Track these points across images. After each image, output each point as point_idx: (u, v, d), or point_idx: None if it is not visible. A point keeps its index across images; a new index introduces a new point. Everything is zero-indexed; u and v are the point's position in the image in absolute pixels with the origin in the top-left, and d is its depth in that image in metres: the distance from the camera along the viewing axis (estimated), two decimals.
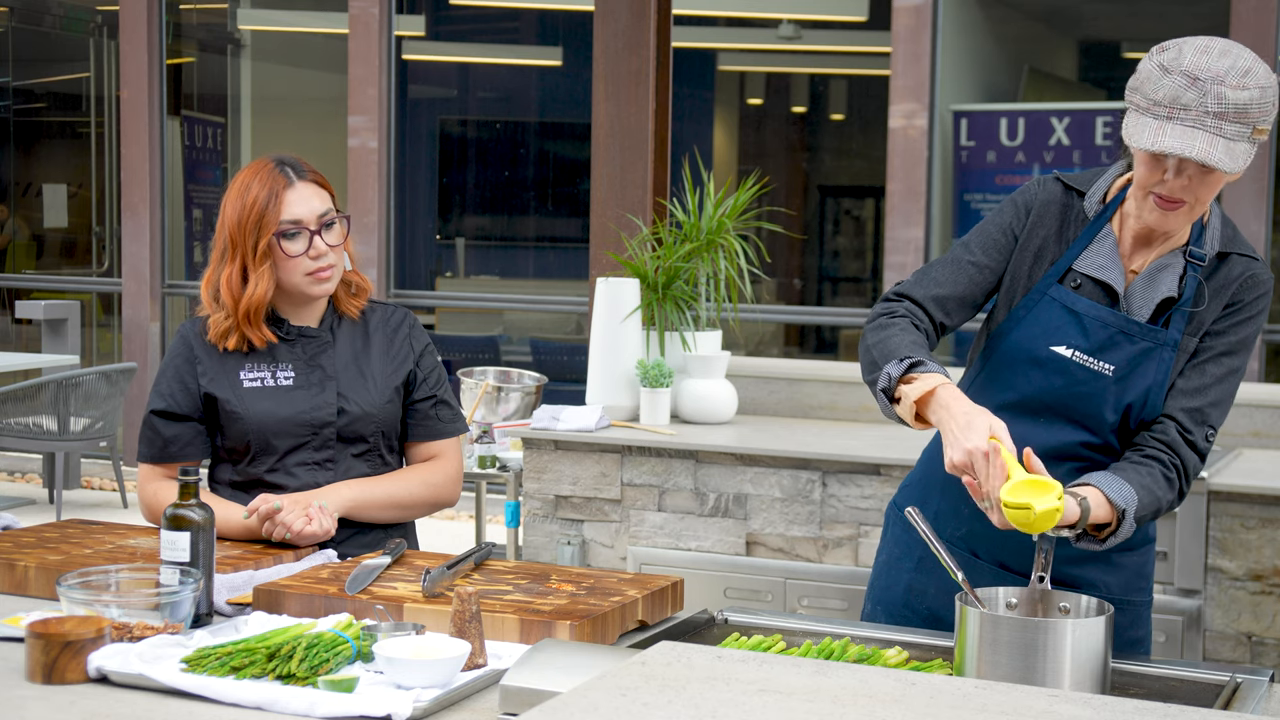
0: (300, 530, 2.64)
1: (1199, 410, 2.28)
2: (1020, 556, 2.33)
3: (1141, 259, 2.32)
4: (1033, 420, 2.32)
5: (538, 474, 4.64)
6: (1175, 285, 2.28)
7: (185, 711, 1.86)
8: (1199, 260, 2.29)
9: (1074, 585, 2.32)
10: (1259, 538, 3.97)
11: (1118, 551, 2.31)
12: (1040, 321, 2.32)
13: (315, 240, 2.74)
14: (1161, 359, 2.28)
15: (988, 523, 2.19)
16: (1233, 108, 2.12)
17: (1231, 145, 2.12)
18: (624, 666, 1.68)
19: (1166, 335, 2.28)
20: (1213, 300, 2.29)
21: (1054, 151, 7.91)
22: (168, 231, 9.36)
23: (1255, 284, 2.31)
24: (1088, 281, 2.32)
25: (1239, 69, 2.13)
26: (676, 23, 5.31)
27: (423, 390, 2.88)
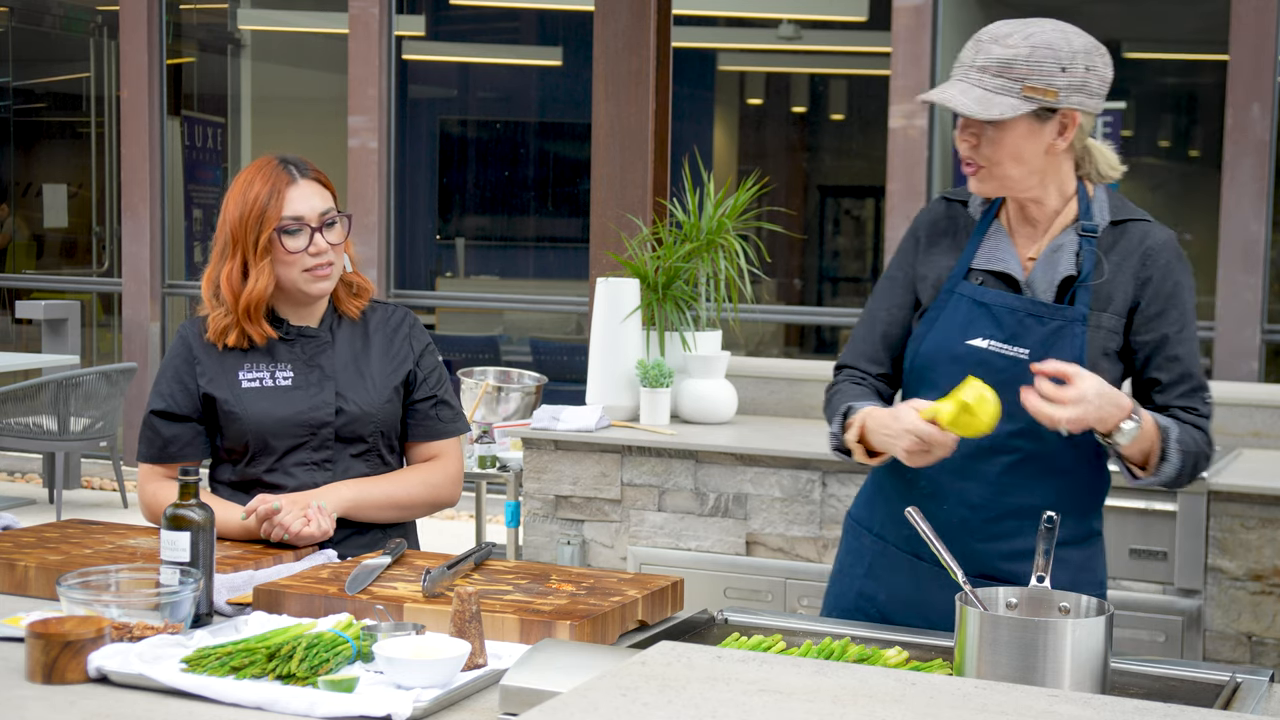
0: (298, 531, 2.64)
1: (1193, 390, 2.35)
2: (967, 559, 2.34)
3: (1035, 245, 2.39)
4: None
5: (538, 474, 4.64)
6: (1073, 263, 2.34)
7: (185, 711, 1.86)
8: (1091, 233, 2.35)
9: (1011, 581, 2.33)
10: (1259, 538, 3.97)
11: (1061, 546, 2.32)
12: (953, 319, 2.37)
13: (316, 237, 2.74)
14: (1074, 335, 2.32)
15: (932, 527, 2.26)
16: (996, 62, 2.23)
17: (989, 96, 2.23)
18: (624, 666, 1.68)
19: (1074, 311, 2.32)
20: (1117, 272, 2.34)
21: None
22: (168, 231, 9.36)
23: (1159, 251, 2.36)
24: (988, 276, 2.38)
25: (1014, 30, 2.25)
26: (676, 23, 5.30)
27: (423, 390, 2.88)
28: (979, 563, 2.37)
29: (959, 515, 2.38)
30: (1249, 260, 6.96)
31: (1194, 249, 8.60)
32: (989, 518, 2.37)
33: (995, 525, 2.37)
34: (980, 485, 2.37)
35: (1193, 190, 8.74)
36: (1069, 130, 2.29)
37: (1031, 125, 2.28)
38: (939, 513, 2.37)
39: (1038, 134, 2.28)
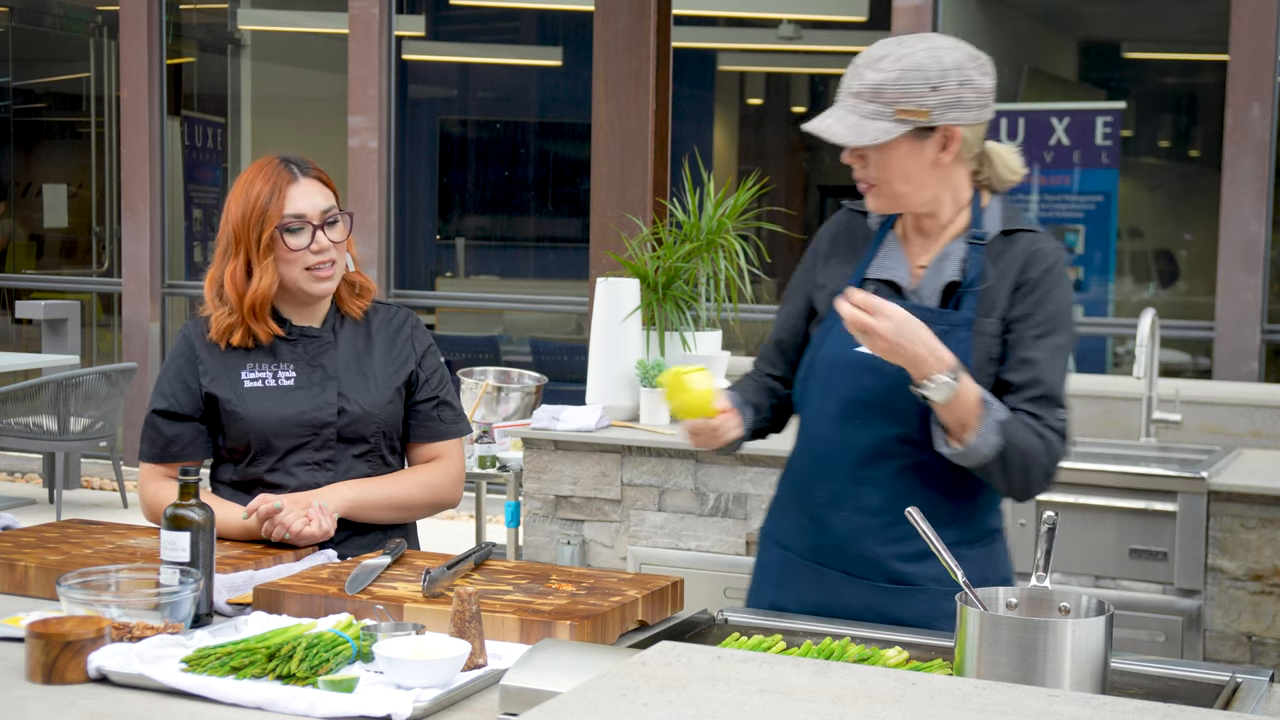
0: (299, 531, 2.64)
1: (1042, 397, 2.33)
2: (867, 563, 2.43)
3: (927, 254, 2.43)
4: (851, 423, 2.41)
5: (538, 474, 4.64)
6: (959, 269, 2.38)
7: (185, 711, 1.86)
8: (979, 240, 2.39)
9: (912, 583, 2.41)
10: (1259, 538, 3.97)
11: (960, 546, 2.35)
12: (845, 329, 2.38)
13: (318, 235, 2.74)
14: (958, 339, 2.35)
15: (830, 534, 2.43)
16: (869, 87, 2.29)
17: (863, 121, 2.29)
18: (624, 666, 1.68)
19: (958, 316, 2.36)
20: (1000, 279, 2.36)
21: (1054, 151, 7.91)
22: (168, 231, 9.36)
23: (1040, 258, 2.37)
24: (880, 285, 2.43)
25: (887, 53, 2.30)
26: (676, 23, 5.30)
27: (425, 391, 2.88)
28: (879, 566, 2.43)
29: (858, 521, 2.43)
30: (1249, 260, 6.96)
31: (1194, 249, 8.61)
32: (887, 522, 2.41)
33: (893, 529, 2.40)
34: (875, 490, 2.41)
35: (1193, 190, 8.74)
36: (951, 145, 2.33)
37: (912, 144, 2.33)
38: (838, 520, 2.43)
39: (919, 152, 2.33)
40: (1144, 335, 4.39)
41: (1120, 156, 7.90)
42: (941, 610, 2.39)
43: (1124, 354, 8.04)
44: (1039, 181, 7.96)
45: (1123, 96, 8.53)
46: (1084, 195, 7.89)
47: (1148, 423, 4.60)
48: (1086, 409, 4.78)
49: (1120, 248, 8.17)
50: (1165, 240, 8.86)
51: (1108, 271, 7.97)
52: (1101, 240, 7.92)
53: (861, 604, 2.44)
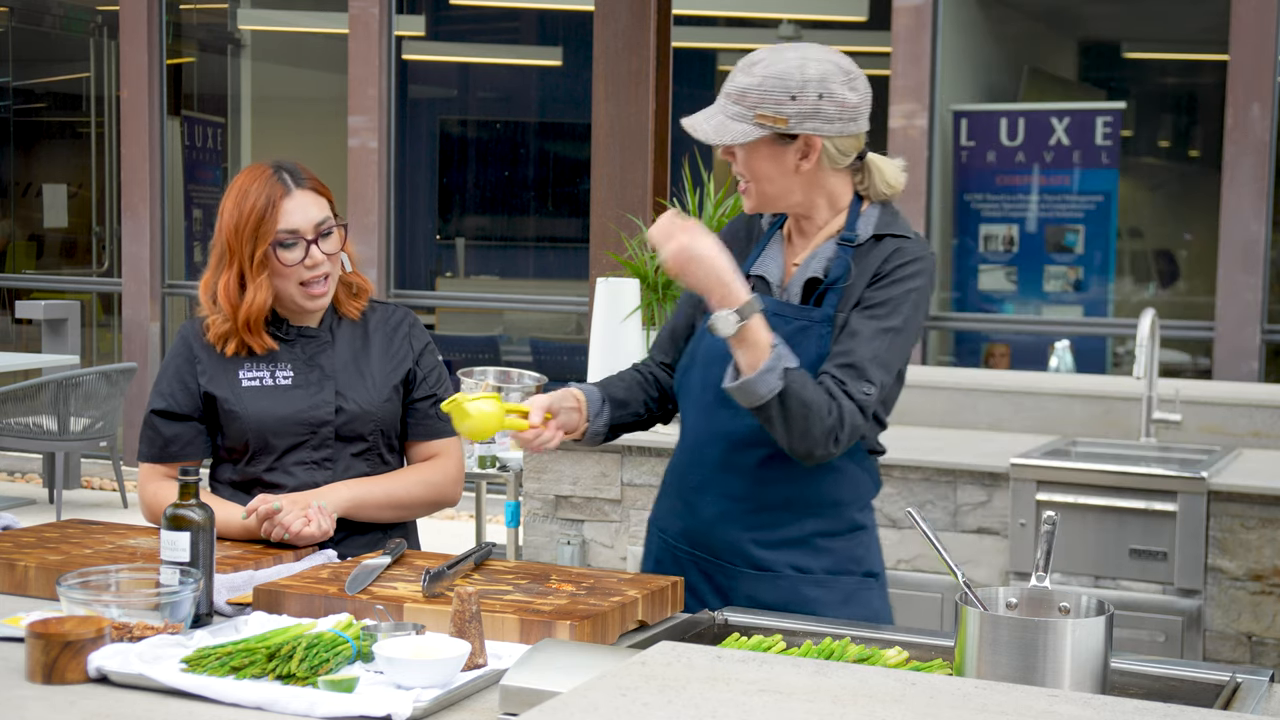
0: (298, 531, 2.64)
1: (851, 366, 2.37)
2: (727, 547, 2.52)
3: (802, 254, 2.53)
4: (724, 411, 2.49)
5: (538, 474, 4.64)
6: (822, 268, 2.47)
7: (185, 711, 1.86)
8: (849, 242, 2.48)
9: (771, 569, 2.50)
10: (1259, 538, 3.97)
11: (821, 537, 2.48)
12: None
13: (312, 250, 2.73)
14: (820, 335, 2.43)
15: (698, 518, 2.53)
16: (735, 90, 2.39)
17: (727, 122, 2.39)
18: (624, 666, 1.68)
19: (819, 313, 2.44)
20: (861, 275, 2.45)
21: (1054, 151, 7.91)
22: (168, 231, 9.37)
23: (900, 253, 2.45)
24: (758, 280, 2.53)
25: (759, 59, 2.40)
26: (676, 23, 5.30)
27: (422, 389, 2.88)
28: (737, 550, 2.52)
29: (722, 506, 2.52)
30: (1249, 260, 6.96)
31: (1194, 249, 8.61)
32: (750, 509, 2.50)
33: (755, 516, 2.50)
34: (740, 478, 2.50)
35: (1193, 190, 8.74)
36: (811, 154, 2.42)
37: (773, 149, 2.42)
38: (704, 504, 2.53)
39: (780, 157, 2.42)
40: (1144, 335, 4.39)
41: (1120, 156, 7.90)
42: (800, 596, 2.49)
43: (1124, 354, 8.04)
44: (1039, 181, 7.97)
45: (1123, 96, 8.53)
46: (1084, 195, 7.89)
47: (1148, 423, 4.61)
48: (1086, 409, 4.78)
49: (1120, 248, 8.17)
50: (1165, 240, 8.87)
51: (1108, 271, 7.97)
52: (1101, 240, 7.92)
53: (725, 588, 2.53)
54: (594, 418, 2.56)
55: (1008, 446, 4.49)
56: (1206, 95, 8.41)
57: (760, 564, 2.51)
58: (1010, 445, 4.52)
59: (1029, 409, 4.86)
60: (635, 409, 2.65)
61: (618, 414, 2.61)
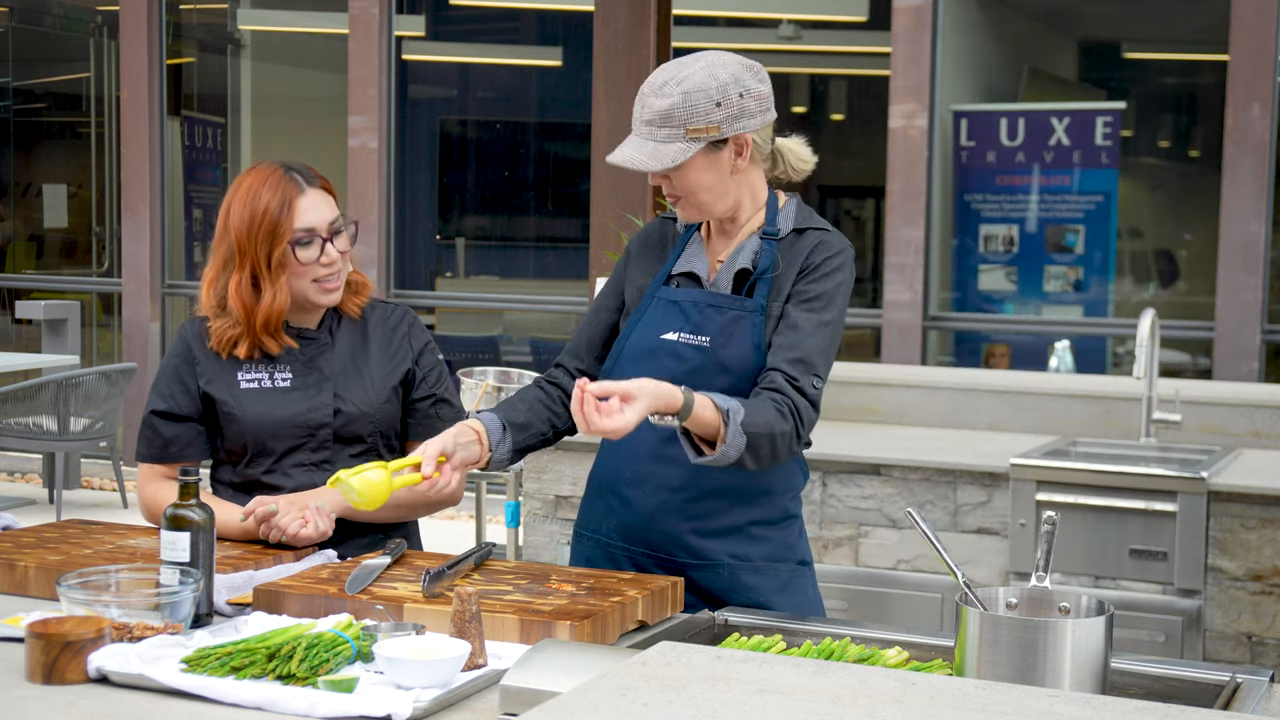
0: (295, 533, 2.64)
1: (799, 360, 2.46)
2: (666, 538, 2.55)
3: (726, 251, 2.60)
4: None
5: (538, 474, 4.64)
6: (751, 260, 2.55)
7: (185, 711, 1.86)
8: (772, 236, 2.55)
9: (711, 559, 2.54)
10: (1259, 538, 3.97)
11: (757, 525, 2.55)
12: (651, 319, 2.59)
13: (327, 247, 2.74)
14: (753, 324, 2.51)
15: (635, 511, 2.56)
16: (659, 115, 2.43)
17: (660, 146, 2.42)
18: (624, 666, 1.68)
19: (751, 303, 2.52)
20: (789, 266, 2.53)
21: (1054, 151, 7.91)
22: (168, 231, 9.36)
23: (825, 247, 2.54)
24: (682, 278, 2.60)
25: (669, 79, 2.44)
26: (676, 23, 5.30)
27: (422, 389, 2.88)
28: (676, 540, 2.55)
29: (660, 498, 2.56)
30: (1249, 260, 6.96)
31: (1194, 249, 8.61)
32: (689, 499, 2.55)
33: (694, 506, 2.55)
34: (678, 469, 2.53)
35: (1193, 190, 8.74)
36: (745, 151, 2.49)
37: (708, 158, 2.47)
38: (641, 497, 2.56)
39: (717, 163, 2.48)
40: (1144, 335, 4.39)
41: (1120, 156, 7.90)
42: (741, 584, 2.54)
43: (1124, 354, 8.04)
44: (1039, 181, 7.97)
45: (1123, 96, 8.53)
46: (1084, 195, 7.89)
47: (1148, 423, 4.60)
48: (1086, 409, 4.78)
49: (1120, 248, 8.17)
50: (1165, 240, 8.87)
51: (1108, 271, 7.97)
52: (1101, 240, 7.92)
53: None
54: (496, 446, 2.53)
55: (1008, 446, 4.49)
56: (1206, 95, 8.41)
57: (700, 553, 2.55)
58: (1010, 445, 4.52)
59: (1029, 409, 4.86)
60: (539, 429, 2.64)
61: (520, 437, 2.59)
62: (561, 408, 2.67)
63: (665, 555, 2.57)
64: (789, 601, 2.59)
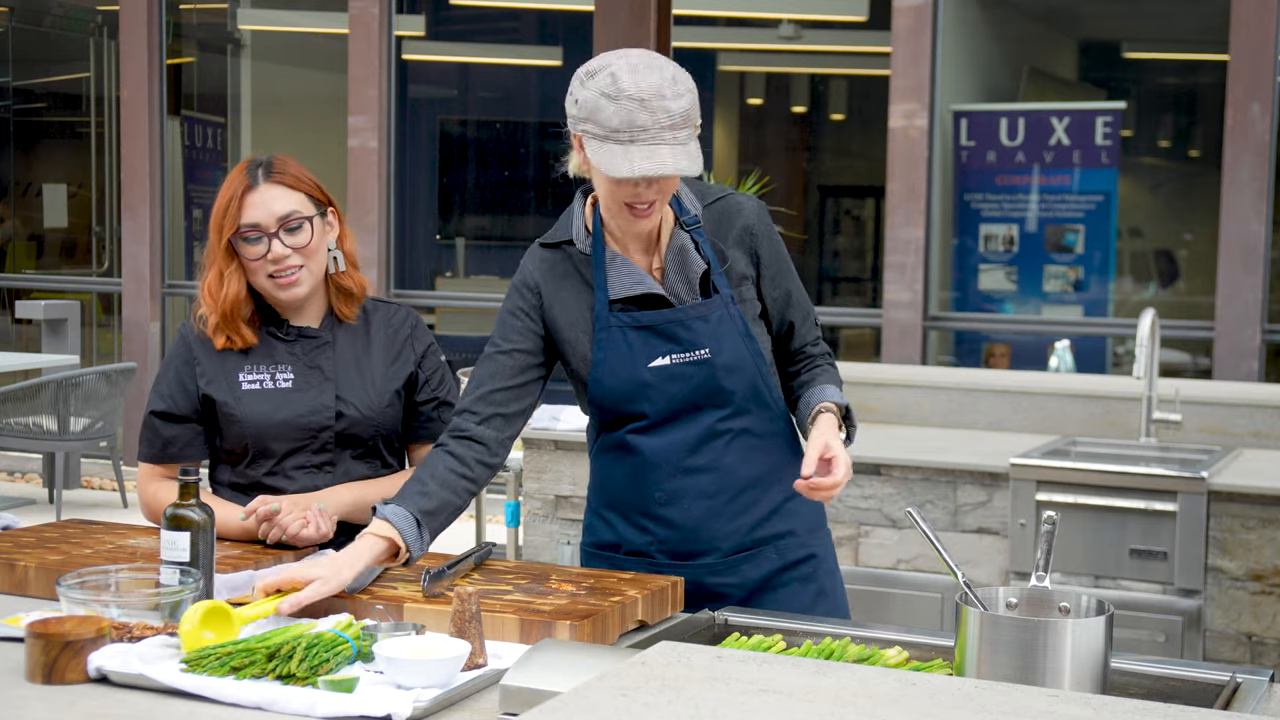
0: (296, 533, 2.64)
1: (813, 324, 2.66)
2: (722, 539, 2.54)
3: (656, 256, 2.51)
4: (671, 426, 2.51)
5: (538, 474, 4.64)
6: (698, 258, 2.49)
7: (185, 711, 1.86)
8: (695, 225, 2.51)
9: (763, 542, 2.54)
10: (1259, 538, 3.97)
11: (789, 501, 2.56)
12: (623, 352, 2.48)
13: (274, 244, 2.71)
14: (730, 317, 2.49)
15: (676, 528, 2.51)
16: (680, 116, 2.34)
17: (687, 148, 2.34)
18: (624, 666, 1.68)
19: (720, 299, 2.49)
20: (730, 247, 2.52)
21: (1054, 151, 7.91)
22: (168, 231, 9.36)
23: (743, 211, 2.54)
24: (630, 303, 2.49)
25: (669, 78, 2.35)
26: (676, 23, 5.30)
27: (425, 392, 2.87)
28: (728, 538, 2.53)
29: (702, 507, 2.52)
30: (1249, 260, 6.96)
31: (1194, 249, 8.61)
32: (728, 499, 2.53)
33: (735, 502, 2.53)
34: (709, 474, 2.51)
35: (1193, 190, 8.74)
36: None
37: None
38: (681, 513, 2.52)
39: None
40: (1144, 335, 4.39)
41: (1120, 156, 7.90)
42: (786, 560, 2.55)
43: (1124, 354, 8.04)
44: (1039, 181, 7.97)
45: (1123, 96, 8.53)
46: (1084, 195, 7.89)
47: (1148, 423, 4.60)
48: (1086, 409, 4.78)
49: (1120, 248, 8.17)
50: (1165, 240, 8.87)
51: (1108, 271, 7.97)
52: (1101, 240, 7.92)
53: (712, 584, 2.54)
54: (413, 544, 2.35)
55: (1008, 446, 4.49)
56: (1206, 95, 8.41)
57: (750, 545, 2.55)
58: (1010, 445, 4.52)
59: (1029, 409, 4.86)
60: (456, 504, 2.45)
61: (435, 524, 2.41)
62: (477, 468, 2.46)
63: (719, 557, 2.54)
64: (831, 565, 2.63)
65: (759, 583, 2.55)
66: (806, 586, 2.58)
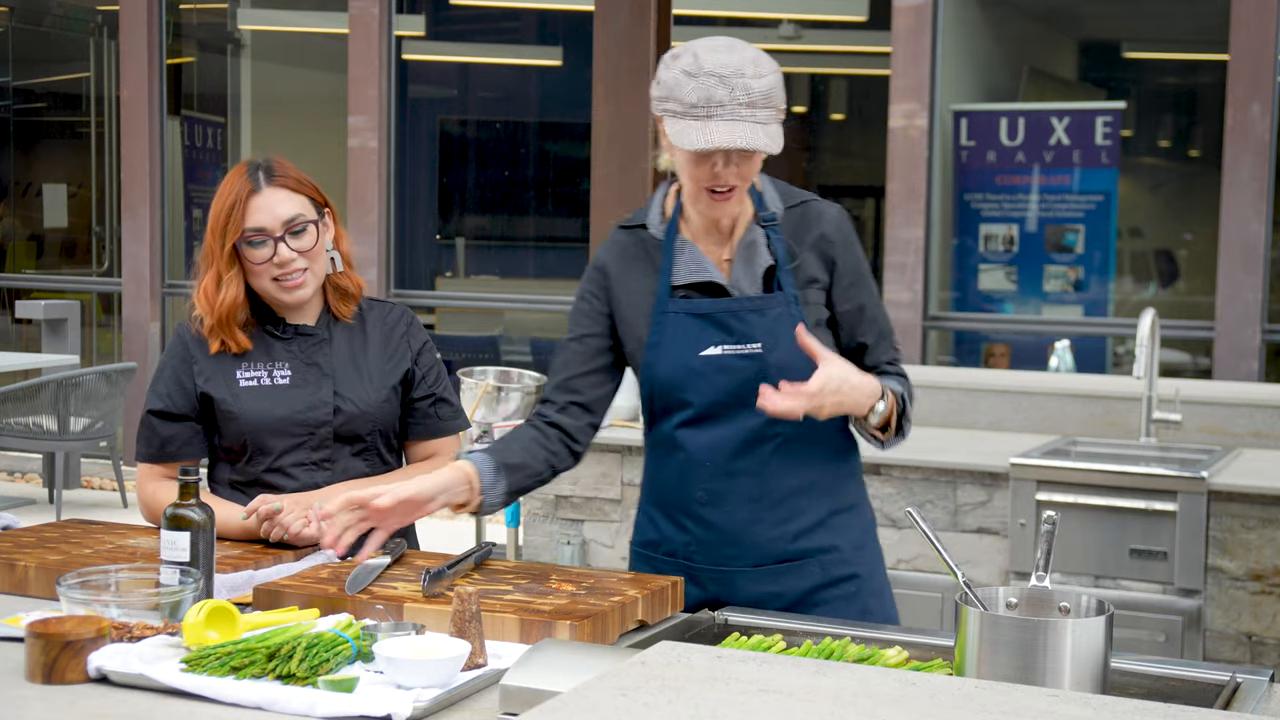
0: (298, 532, 2.64)
1: (889, 345, 2.56)
2: (761, 548, 2.50)
3: (727, 248, 2.51)
4: (717, 423, 2.48)
5: None
6: (767, 253, 2.48)
7: (185, 711, 1.86)
8: (771, 222, 2.50)
9: (804, 555, 2.50)
10: (1259, 538, 3.97)
11: (836, 515, 2.51)
12: (677, 338, 2.48)
13: (280, 247, 2.72)
14: (790, 316, 2.46)
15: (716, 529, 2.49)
16: (760, 96, 2.34)
17: (767, 128, 2.34)
18: (624, 666, 1.68)
19: (783, 296, 2.47)
20: (805, 250, 2.50)
21: (1054, 151, 7.91)
22: (168, 231, 9.36)
23: (827, 218, 2.52)
24: (692, 290, 2.49)
25: (750, 59, 2.35)
26: (676, 23, 5.31)
27: (421, 388, 2.88)
28: (767, 547, 2.50)
29: (744, 512, 2.50)
30: (1249, 260, 6.96)
31: (1194, 249, 8.60)
32: (771, 505, 2.49)
33: (778, 510, 2.49)
34: (752, 478, 2.49)
35: (1193, 190, 8.74)
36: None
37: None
38: (722, 515, 2.50)
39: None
40: (1144, 335, 4.39)
41: (1120, 156, 7.90)
42: (830, 577, 2.51)
43: (1124, 354, 8.04)
44: (1039, 181, 7.97)
45: (1123, 96, 8.53)
46: (1084, 195, 7.89)
47: (1148, 423, 4.60)
48: (1086, 409, 4.78)
49: (1120, 248, 8.17)
50: (1165, 240, 8.87)
51: (1108, 271, 7.97)
52: (1101, 240, 7.92)
53: (750, 592, 2.51)
54: (488, 489, 2.45)
55: (1008, 446, 4.49)
56: (1206, 95, 8.41)
57: (791, 554, 2.50)
58: (1010, 445, 4.52)
59: (1029, 409, 4.86)
60: (535, 469, 2.52)
61: (515, 479, 2.49)
62: (560, 447, 2.54)
63: (755, 565, 2.51)
64: (878, 586, 2.57)
65: (800, 596, 2.50)
66: (850, 605, 2.52)
